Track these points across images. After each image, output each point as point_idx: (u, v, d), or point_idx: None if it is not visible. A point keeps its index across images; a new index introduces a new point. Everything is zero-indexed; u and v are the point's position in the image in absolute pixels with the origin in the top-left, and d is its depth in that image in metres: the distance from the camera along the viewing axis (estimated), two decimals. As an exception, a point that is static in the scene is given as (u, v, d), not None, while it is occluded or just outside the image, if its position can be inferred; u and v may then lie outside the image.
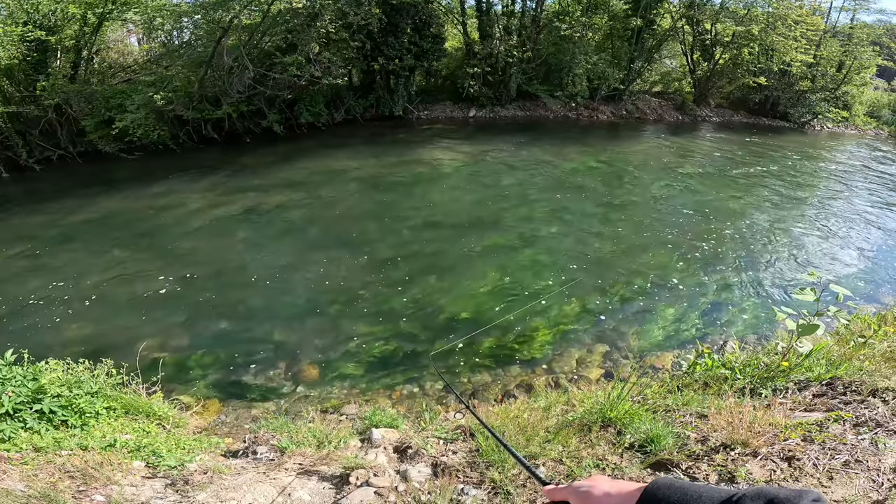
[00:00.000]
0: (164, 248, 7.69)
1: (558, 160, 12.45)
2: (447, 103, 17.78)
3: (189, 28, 15.44)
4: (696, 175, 11.97)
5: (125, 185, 11.17)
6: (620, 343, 5.22)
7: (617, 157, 13.28)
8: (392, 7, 14.38)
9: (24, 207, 10.11)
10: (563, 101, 18.68)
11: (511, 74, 17.50)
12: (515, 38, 17.29)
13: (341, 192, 9.95)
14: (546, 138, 14.93)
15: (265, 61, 13.91)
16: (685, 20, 19.26)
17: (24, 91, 13.57)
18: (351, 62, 15.34)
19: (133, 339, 5.07)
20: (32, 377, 2.75)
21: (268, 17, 13.49)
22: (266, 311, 5.78)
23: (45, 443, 2.28)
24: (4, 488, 1.87)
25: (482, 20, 17.29)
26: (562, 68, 18.17)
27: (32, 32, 12.64)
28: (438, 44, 16.32)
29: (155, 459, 2.34)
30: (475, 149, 13.40)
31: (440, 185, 10.58)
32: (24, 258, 7.68)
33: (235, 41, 13.64)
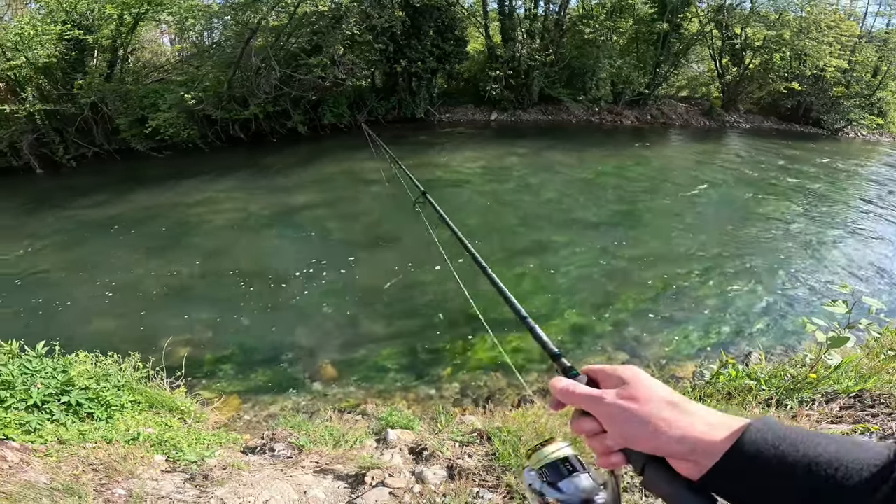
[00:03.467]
0: (191, 244, 7.89)
1: (580, 165, 12.32)
2: (469, 106, 17.79)
3: (219, 29, 15.86)
4: (723, 182, 11.68)
5: (155, 182, 11.51)
6: (641, 351, 5.12)
7: (641, 162, 13.07)
8: (415, 10, 14.49)
9: (59, 203, 10.52)
10: (585, 106, 18.49)
11: (533, 78, 17.41)
12: (538, 41, 17.21)
13: (363, 193, 10.05)
14: (568, 142, 14.79)
15: (291, 62, 14.18)
16: (713, 24, 18.85)
17: (61, 89, 14.12)
18: (374, 64, 15.51)
19: (159, 333, 5.21)
20: (62, 369, 2.85)
21: (294, 19, 13.75)
22: (287, 309, 5.87)
23: (70, 435, 2.34)
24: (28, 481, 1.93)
25: (505, 23, 17.27)
26: (585, 72, 17.99)
27: (71, 31, 13.12)
28: (461, 46, 16.37)
29: (175, 454, 2.39)
30: (496, 152, 13.37)
31: (460, 188, 10.59)
32: (57, 252, 7.99)
33: (263, 42, 13.95)
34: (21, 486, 1.90)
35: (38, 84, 14.01)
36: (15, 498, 1.85)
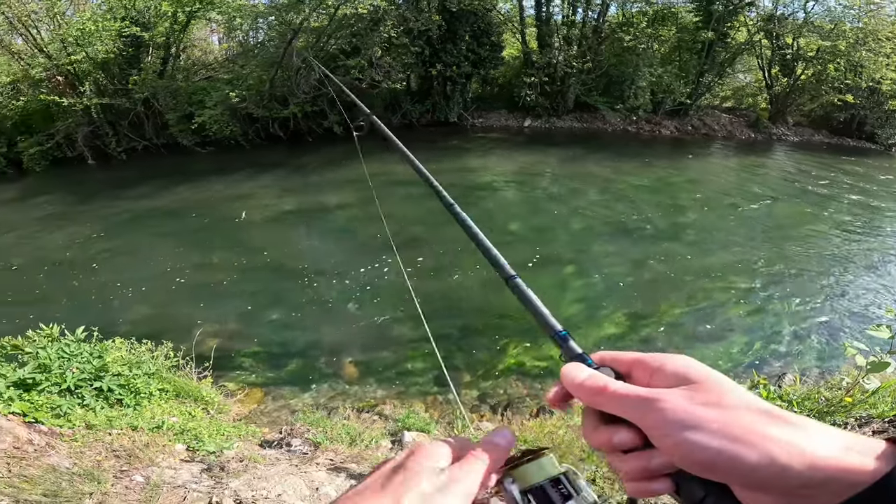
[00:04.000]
0: (228, 238, 8.20)
1: (615, 174, 12.06)
2: (502, 112, 17.73)
3: (263, 29, 16.42)
4: (766, 197, 11.19)
5: (198, 177, 12.02)
6: None
7: (680, 174, 12.67)
8: (452, 14, 14.59)
9: (108, 193, 11.14)
10: (623, 114, 18.10)
11: (569, 85, 17.19)
12: (576, 48, 16.98)
13: (394, 195, 10.17)
14: (603, 151, 14.52)
15: (330, 64, 14.52)
16: (763, 34, 18.10)
17: (117, 84, 14.93)
18: (410, 67, 15.69)
19: (192, 323, 5.44)
20: (98, 355, 3.00)
21: (334, 20, 14.10)
22: (314, 305, 6.01)
23: (98, 420, 2.45)
24: (51, 465, 2.04)
25: (541, 30, 17.13)
26: (623, 80, 17.61)
27: (129, 28, 13.85)
28: (496, 52, 16.34)
29: (196, 443, 2.48)
30: (528, 159, 13.27)
31: (491, 194, 10.56)
32: (103, 240, 8.45)
33: (304, 43, 14.35)
34: (43, 470, 2.02)
35: (95, 79, 14.85)
36: (36, 482, 1.96)
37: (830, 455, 0.35)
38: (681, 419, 0.39)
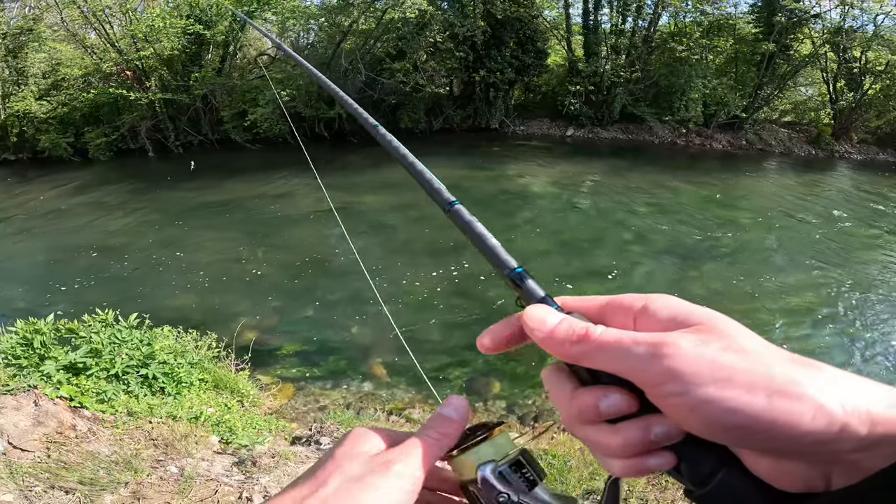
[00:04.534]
0: (270, 233, 8.53)
1: (660, 188, 11.68)
2: (544, 120, 17.53)
3: (314, 30, 16.97)
4: (825, 218, 10.52)
5: (247, 173, 12.57)
6: None
7: (731, 191, 12.11)
8: (497, 21, 14.59)
9: (165, 185, 11.81)
10: (671, 126, 17.51)
11: (616, 95, 16.80)
12: (624, 57, 16.59)
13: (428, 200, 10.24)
14: (649, 164, 14.08)
15: (376, 67, 14.85)
16: (829, 46, 17.07)
17: (179, 80, 15.81)
18: (453, 72, 15.80)
19: (233, 314, 5.68)
20: (147, 342, 3.15)
21: (381, 24, 14.40)
22: (348, 304, 6.14)
23: (139, 408, 2.55)
24: (90, 451, 2.15)
25: (588, 38, 16.84)
26: (674, 91, 17.03)
27: (193, 26, 14.63)
28: (541, 59, 16.20)
29: (230, 436, 2.57)
30: (569, 169, 13.06)
31: (529, 204, 10.46)
32: (156, 229, 8.97)
33: (351, 45, 14.73)
34: (83, 457, 2.14)
35: (160, 75, 15.78)
36: (73, 468, 2.08)
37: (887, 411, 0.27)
38: (699, 370, 0.29)
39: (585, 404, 0.34)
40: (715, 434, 0.30)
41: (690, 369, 0.29)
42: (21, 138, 16.19)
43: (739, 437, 0.29)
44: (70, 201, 11.21)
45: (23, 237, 9.39)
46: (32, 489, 2.04)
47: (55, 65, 16.88)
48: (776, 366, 0.29)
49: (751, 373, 0.29)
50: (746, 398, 0.28)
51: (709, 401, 0.29)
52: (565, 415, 0.37)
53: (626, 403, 0.33)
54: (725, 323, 0.32)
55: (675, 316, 0.34)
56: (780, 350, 0.31)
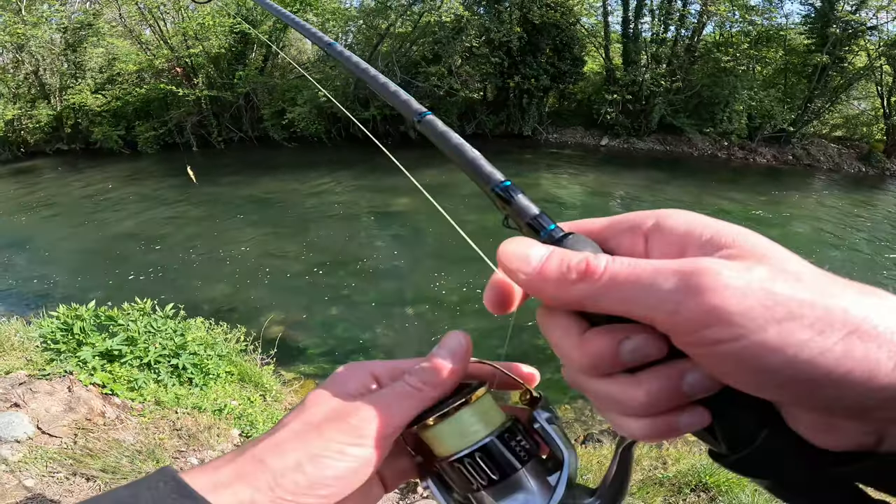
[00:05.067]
0: (303, 229, 8.77)
1: (697, 202, 11.31)
2: (578, 128, 17.28)
3: (353, 32, 17.32)
4: (877, 242, 9.94)
5: (283, 169, 12.95)
6: None
7: (776, 208, 11.60)
8: (534, 27, 14.49)
9: (206, 179, 12.27)
10: (712, 139, 16.93)
11: (654, 104, 16.39)
12: (664, 66, 16.17)
13: (459, 205, 10.29)
14: (686, 177, 13.67)
15: (411, 70, 15.02)
16: (885, 59, 16.15)
17: (224, 78, 16.45)
18: (488, 77, 15.80)
19: (262, 309, 5.85)
20: (181, 332, 3.27)
21: (418, 28, 14.56)
22: (373, 305, 6.23)
23: (167, 398, 2.64)
24: (116, 439, 2.24)
25: (627, 46, 16.50)
26: (717, 102, 16.47)
27: (239, 25, 15.19)
28: (577, 66, 15.99)
29: (250, 429, 2.65)
30: (603, 179, 12.84)
31: (559, 211, 10.33)
32: (196, 222, 9.36)
33: (388, 48, 14.95)
34: (108, 444, 2.21)
35: (207, 72, 16.47)
36: (98, 455, 2.15)
37: None
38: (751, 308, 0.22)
39: (600, 350, 0.26)
40: (766, 389, 0.23)
41: (739, 307, 0.22)
42: (75, 129, 17.20)
43: (801, 394, 0.22)
44: (117, 192, 11.84)
45: (71, 225, 9.98)
46: (55, 475, 2.11)
47: (111, 59, 17.85)
48: (843, 296, 0.22)
49: (816, 307, 0.21)
50: (818, 342, 0.21)
51: (769, 348, 0.21)
52: (571, 364, 0.29)
53: (654, 346, 0.25)
54: (765, 243, 0.25)
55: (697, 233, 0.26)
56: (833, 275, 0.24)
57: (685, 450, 3.31)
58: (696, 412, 0.26)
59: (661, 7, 16.28)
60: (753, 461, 0.27)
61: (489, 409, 0.35)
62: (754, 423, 0.26)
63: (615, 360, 0.26)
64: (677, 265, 0.24)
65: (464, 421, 0.34)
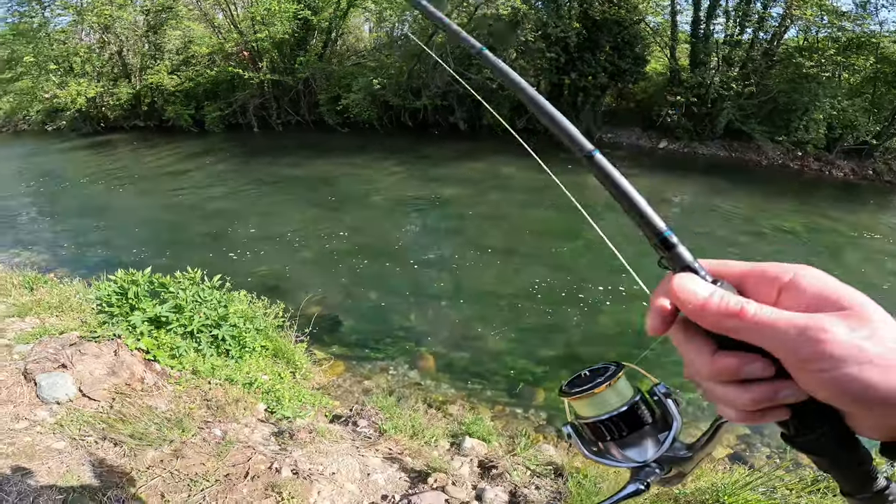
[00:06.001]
0: (349, 213, 9.02)
1: (758, 214, 10.56)
2: (635, 129, 16.54)
3: (409, 22, 17.42)
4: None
5: (336, 154, 13.33)
6: (767, 427, 4.34)
7: (850, 227, 10.65)
8: (594, 23, 13.95)
9: (264, 158, 12.87)
10: (785, 148, 15.71)
11: (722, 108, 15.40)
12: (737, 70, 15.14)
13: (505, 200, 10.17)
14: (751, 187, 12.77)
15: (465, 61, 14.91)
16: None
17: (286, 63, 17.06)
18: (542, 73, 15.42)
19: (302, 287, 6.07)
20: (224, 304, 3.35)
21: (474, 19, 14.40)
22: (410, 292, 6.31)
23: (204, 367, 2.74)
24: (150, 406, 2.33)
25: (697, 47, 15.56)
26: (794, 109, 15.25)
27: (302, 11, 15.69)
28: (639, 65, 15.27)
29: (276, 405, 2.74)
30: (658, 183, 12.25)
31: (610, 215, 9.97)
32: (253, 198, 9.83)
33: (443, 39, 14.90)
34: (141, 410, 2.31)
35: (271, 57, 17.13)
36: (129, 421, 2.25)
37: None
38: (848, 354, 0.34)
39: (727, 367, 0.38)
40: (840, 402, 0.36)
41: (840, 353, 0.34)
42: (151, 107, 18.44)
43: (862, 406, 0.35)
44: (184, 166, 12.65)
45: (141, 195, 10.77)
46: (85, 438, 2.21)
47: (187, 42, 18.96)
48: None
49: (886, 358, 0.34)
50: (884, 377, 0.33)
51: (851, 378, 0.34)
52: (701, 372, 0.40)
53: (767, 371, 0.37)
54: (874, 310, 0.36)
55: (824, 294, 0.37)
56: None
57: (708, 467, 3.16)
58: (782, 411, 0.39)
59: (737, 8, 15.27)
60: (814, 443, 0.40)
61: (623, 388, 0.49)
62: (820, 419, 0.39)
63: (736, 375, 0.38)
64: (804, 319, 0.35)
65: (605, 397, 0.48)
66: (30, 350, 2.78)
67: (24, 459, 2.04)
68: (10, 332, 3.11)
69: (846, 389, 0.34)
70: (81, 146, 16.31)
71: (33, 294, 3.89)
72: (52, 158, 14.96)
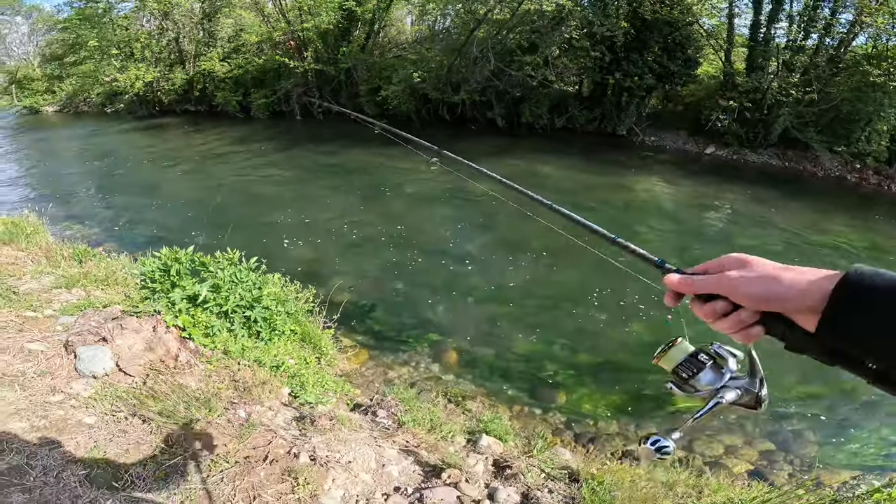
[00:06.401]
0: (383, 203, 9.14)
1: (811, 227, 9.94)
2: (681, 133, 15.90)
3: (451, 16, 17.34)
4: None
5: (373, 144, 13.43)
6: (793, 445, 4.13)
7: (902, 243, 9.93)
8: (643, 23, 13.43)
9: (305, 145, 13.22)
10: (843, 159, 14.75)
11: (779, 115, 14.59)
12: (798, 76, 14.28)
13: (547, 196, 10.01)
14: (803, 199, 12.03)
15: (506, 57, 14.73)
16: None
17: (329, 53, 17.38)
18: (586, 71, 15.04)
19: (333, 274, 6.19)
20: (259, 286, 3.41)
21: (516, 15, 14.17)
22: (438, 286, 6.32)
23: (234, 348, 2.77)
24: (181, 384, 2.36)
25: (755, 51, 14.76)
26: (856, 119, 14.26)
27: (348, 2, 15.90)
28: (689, 68, 14.64)
29: (299, 390, 2.80)
30: (703, 190, 11.75)
31: (654, 221, 9.65)
32: (291, 183, 10.11)
33: (484, 34, 14.76)
34: (172, 388, 2.33)
35: (315, 47, 17.49)
36: (160, 398, 2.27)
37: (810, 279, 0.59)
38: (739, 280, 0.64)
39: (710, 309, 0.68)
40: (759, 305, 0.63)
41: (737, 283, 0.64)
42: (202, 93, 19.19)
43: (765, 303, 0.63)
44: (230, 150, 13.12)
45: (188, 176, 11.25)
46: (116, 414, 2.24)
47: (238, 30, 19.59)
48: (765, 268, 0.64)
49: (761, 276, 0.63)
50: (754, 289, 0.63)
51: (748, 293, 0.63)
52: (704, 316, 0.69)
53: (724, 305, 0.67)
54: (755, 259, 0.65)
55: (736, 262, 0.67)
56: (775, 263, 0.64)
57: (726, 482, 3.04)
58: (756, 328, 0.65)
59: (803, 14, 14.41)
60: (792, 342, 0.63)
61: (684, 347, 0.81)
62: (783, 327, 0.63)
63: (714, 312, 0.68)
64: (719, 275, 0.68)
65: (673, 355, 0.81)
66: (73, 322, 2.81)
67: (54, 433, 2.07)
68: (56, 304, 3.23)
69: (750, 298, 0.63)
70: (137, 128, 17.20)
71: (82, 266, 4.06)
72: (110, 139, 15.86)
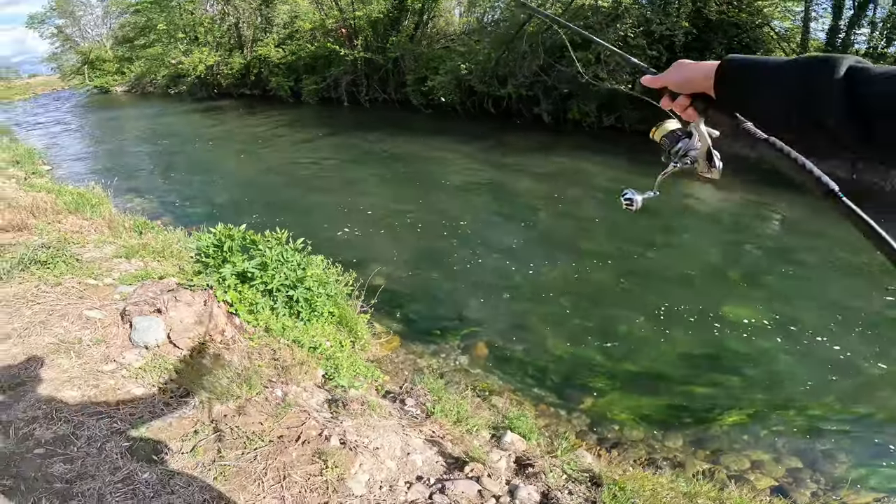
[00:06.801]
0: (425, 192, 9.24)
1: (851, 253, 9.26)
2: (729, 140, 15.04)
3: (500, 8, 17.07)
4: None
5: (418, 133, 13.62)
6: (822, 464, 3.89)
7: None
8: (707, 23, 12.70)
9: (351, 132, 13.49)
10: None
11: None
12: (877, 84, 13.20)
13: (585, 197, 9.81)
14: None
15: (555, 53, 14.35)
16: None
17: (379, 42, 17.57)
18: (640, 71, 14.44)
19: (372, 259, 6.31)
20: (303, 266, 3.52)
21: (569, 10, 13.75)
22: (474, 278, 6.32)
23: (275, 326, 2.86)
24: (224, 361, 2.42)
25: (832, 56, 13.74)
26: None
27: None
28: (756, 72, 13.80)
29: (333, 373, 2.88)
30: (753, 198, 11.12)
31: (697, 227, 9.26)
32: (337, 168, 10.44)
33: (535, 29, 14.42)
34: (215, 363, 2.40)
35: (366, 35, 17.71)
36: (203, 372, 2.33)
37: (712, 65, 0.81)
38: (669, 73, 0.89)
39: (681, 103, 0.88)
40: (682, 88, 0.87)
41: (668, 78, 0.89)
42: (258, 77, 19.89)
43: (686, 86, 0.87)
44: (281, 133, 13.61)
45: (242, 156, 11.78)
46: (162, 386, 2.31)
47: (293, 17, 20.12)
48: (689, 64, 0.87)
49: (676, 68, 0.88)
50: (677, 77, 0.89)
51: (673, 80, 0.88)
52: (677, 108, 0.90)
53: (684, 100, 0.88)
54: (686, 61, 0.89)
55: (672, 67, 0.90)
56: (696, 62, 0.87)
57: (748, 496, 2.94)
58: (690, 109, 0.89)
59: (887, 20, 13.34)
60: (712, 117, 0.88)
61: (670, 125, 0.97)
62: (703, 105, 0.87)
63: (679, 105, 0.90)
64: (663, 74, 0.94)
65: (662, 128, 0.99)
66: (132, 292, 2.95)
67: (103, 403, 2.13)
68: (116, 273, 3.42)
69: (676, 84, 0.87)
70: (197, 110, 18.11)
71: (141, 238, 4.33)
72: (173, 119, 16.80)
